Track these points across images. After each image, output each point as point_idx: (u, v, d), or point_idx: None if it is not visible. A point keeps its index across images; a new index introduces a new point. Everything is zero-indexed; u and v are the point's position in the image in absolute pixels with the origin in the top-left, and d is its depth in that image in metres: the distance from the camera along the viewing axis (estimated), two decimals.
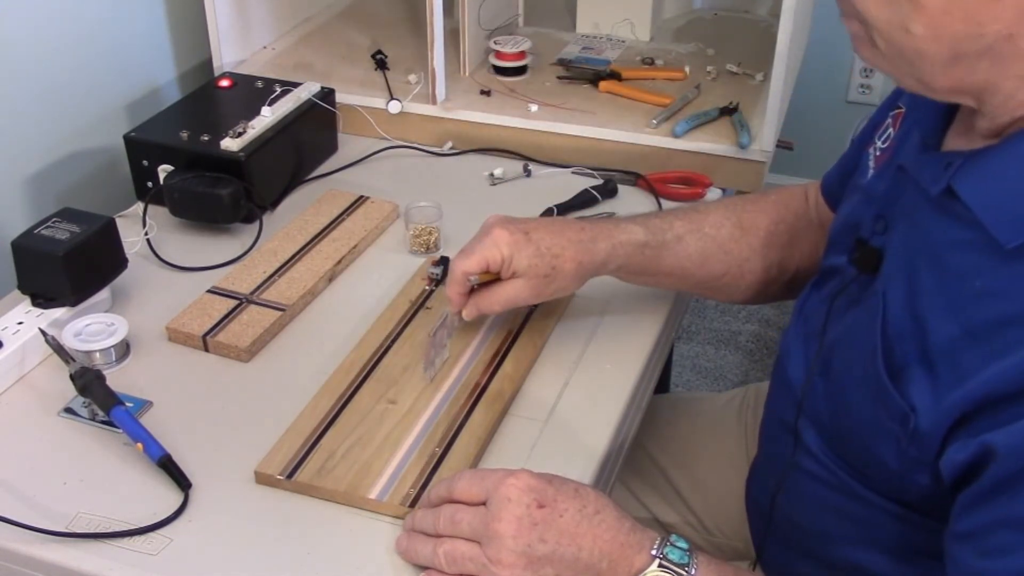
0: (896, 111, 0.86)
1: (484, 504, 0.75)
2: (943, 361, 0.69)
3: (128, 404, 0.90)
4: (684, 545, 0.75)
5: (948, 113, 0.76)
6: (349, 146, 1.39)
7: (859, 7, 0.67)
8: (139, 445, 0.86)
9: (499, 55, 1.46)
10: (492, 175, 1.31)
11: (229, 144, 1.19)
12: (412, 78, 1.46)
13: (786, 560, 0.91)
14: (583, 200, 1.24)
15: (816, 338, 0.84)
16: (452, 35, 1.45)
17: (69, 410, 0.93)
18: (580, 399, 0.95)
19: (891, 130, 0.86)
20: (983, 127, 0.70)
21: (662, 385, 1.52)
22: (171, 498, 0.83)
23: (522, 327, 1.02)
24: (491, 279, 0.94)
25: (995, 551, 0.65)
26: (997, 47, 0.63)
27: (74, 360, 0.94)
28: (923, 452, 0.70)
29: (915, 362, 0.71)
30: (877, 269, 0.77)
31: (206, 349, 1.01)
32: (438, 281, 1.08)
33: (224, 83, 1.35)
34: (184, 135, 1.21)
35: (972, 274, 0.68)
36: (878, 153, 0.86)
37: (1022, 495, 0.63)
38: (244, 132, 1.21)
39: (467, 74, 1.48)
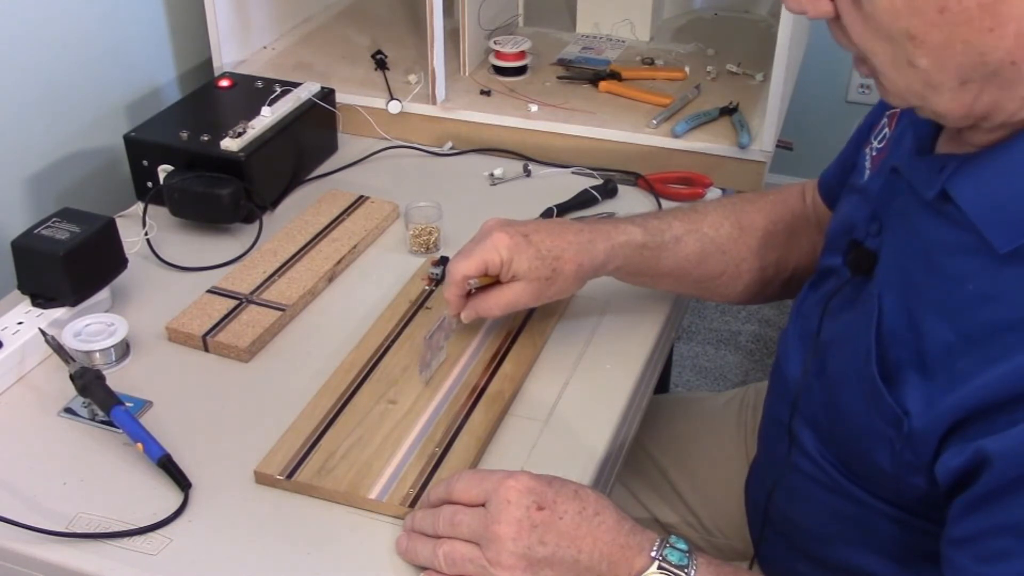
0: (892, 111, 0.86)
1: (483, 505, 0.75)
2: (938, 365, 0.68)
3: (128, 404, 0.90)
4: (684, 547, 0.75)
5: None
6: (349, 146, 1.39)
7: (863, 49, 0.67)
8: (139, 445, 0.86)
9: (499, 55, 1.46)
10: (492, 175, 1.31)
11: (229, 144, 1.19)
12: (412, 78, 1.46)
13: (784, 560, 0.91)
14: (583, 200, 1.24)
15: (812, 338, 0.84)
16: (452, 35, 1.45)
17: (69, 410, 0.93)
18: (580, 399, 0.95)
19: (887, 130, 0.86)
20: (974, 139, 0.70)
21: (662, 385, 1.52)
22: (171, 498, 0.84)
23: (522, 327, 1.02)
24: (490, 282, 0.94)
25: (993, 556, 0.65)
26: (1002, 72, 0.63)
27: (74, 360, 0.94)
28: (917, 456, 0.70)
29: (910, 366, 0.70)
30: (871, 271, 0.77)
31: (206, 349, 1.01)
32: (438, 281, 1.08)
33: (224, 83, 1.35)
34: (184, 135, 1.21)
35: (966, 278, 0.68)
36: (874, 153, 0.86)
37: (1018, 501, 0.63)
38: (244, 132, 1.21)
39: (467, 74, 1.48)
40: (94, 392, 0.90)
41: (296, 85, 1.33)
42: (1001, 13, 0.60)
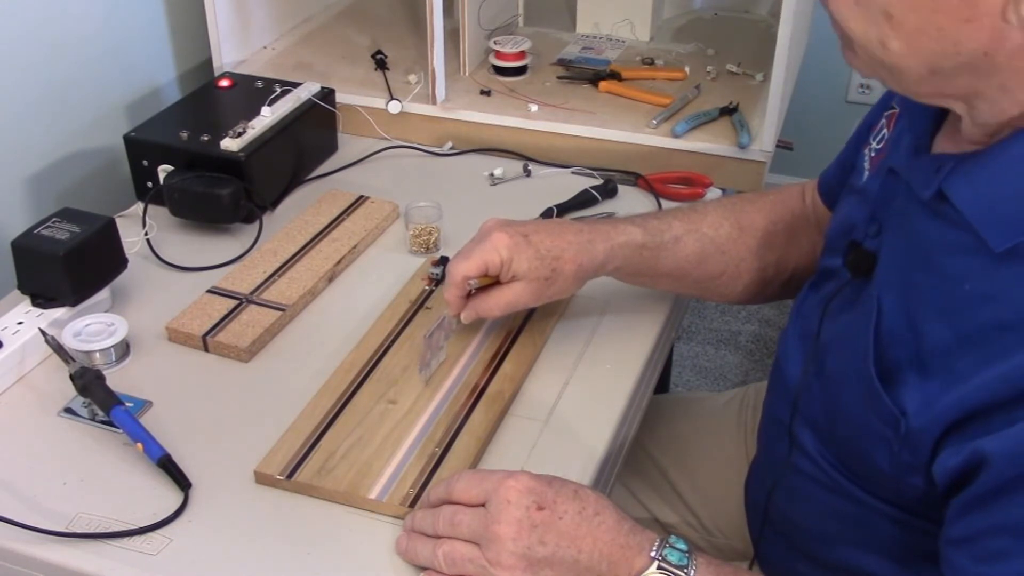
0: (890, 112, 0.86)
1: (483, 506, 0.75)
2: (937, 366, 0.68)
3: (128, 404, 0.90)
4: (683, 547, 0.75)
5: (939, 116, 0.76)
6: (349, 146, 1.39)
7: (839, 21, 0.67)
8: (139, 445, 0.86)
9: (499, 55, 1.46)
10: (492, 175, 1.31)
11: (229, 144, 1.19)
12: (412, 78, 1.46)
13: (784, 560, 0.91)
14: (583, 200, 1.24)
15: (812, 339, 0.84)
16: (452, 35, 1.45)
17: (69, 410, 0.93)
18: (580, 399, 0.95)
19: (885, 131, 0.86)
20: (970, 133, 0.70)
21: (662, 385, 1.52)
22: (171, 498, 0.84)
23: (522, 327, 1.02)
24: (489, 283, 0.94)
25: (991, 556, 0.65)
26: (974, 63, 0.63)
27: (74, 360, 0.94)
28: (915, 456, 0.70)
29: (909, 366, 0.70)
30: (871, 273, 0.77)
31: (206, 349, 1.01)
32: (438, 281, 1.08)
33: (224, 83, 1.35)
34: (184, 135, 1.21)
35: (964, 277, 0.68)
36: (873, 155, 0.86)
37: (1016, 501, 0.63)
38: (244, 132, 1.21)
39: (467, 74, 1.48)
40: (94, 392, 0.90)
41: (296, 85, 1.33)
42: (979, 5, 0.60)
